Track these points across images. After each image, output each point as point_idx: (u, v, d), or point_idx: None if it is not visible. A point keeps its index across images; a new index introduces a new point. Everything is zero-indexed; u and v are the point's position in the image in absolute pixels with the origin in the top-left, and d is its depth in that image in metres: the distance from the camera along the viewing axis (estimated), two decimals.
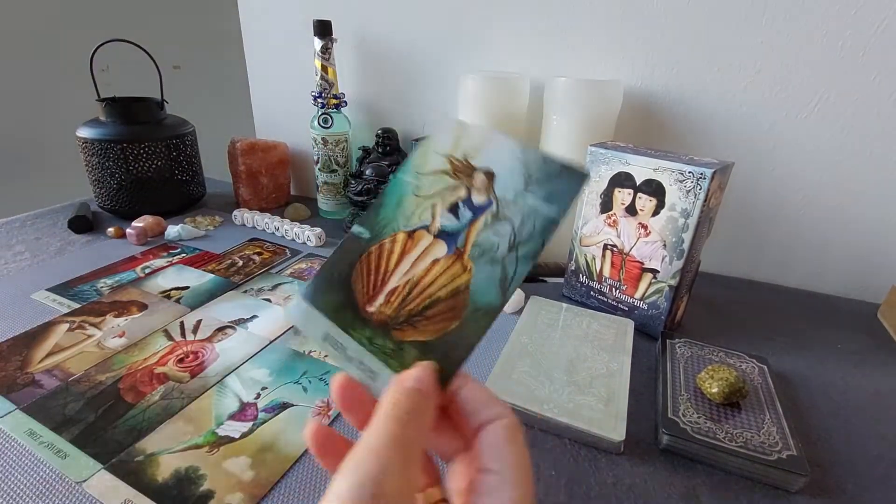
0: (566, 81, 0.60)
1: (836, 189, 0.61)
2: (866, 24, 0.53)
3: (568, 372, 0.44)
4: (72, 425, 0.38)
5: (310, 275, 0.63)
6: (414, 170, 0.24)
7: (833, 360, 0.51)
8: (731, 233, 0.68)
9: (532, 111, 0.67)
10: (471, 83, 0.63)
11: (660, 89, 0.64)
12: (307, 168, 0.94)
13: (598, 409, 0.39)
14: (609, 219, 0.53)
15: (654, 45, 0.62)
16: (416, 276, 0.22)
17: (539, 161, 0.22)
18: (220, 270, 0.63)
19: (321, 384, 0.43)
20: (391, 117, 0.83)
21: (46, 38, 1.34)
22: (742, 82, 0.60)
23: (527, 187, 0.22)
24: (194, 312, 0.53)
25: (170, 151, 0.78)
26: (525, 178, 0.22)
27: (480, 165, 0.23)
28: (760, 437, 0.37)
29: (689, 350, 0.48)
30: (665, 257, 0.49)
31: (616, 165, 0.51)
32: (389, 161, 0.76)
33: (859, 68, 0.55)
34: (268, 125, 0.96)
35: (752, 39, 0.58)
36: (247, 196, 0.85)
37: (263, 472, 0.34)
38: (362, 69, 0.82)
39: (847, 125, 0.58)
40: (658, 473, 0.36)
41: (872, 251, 0.63)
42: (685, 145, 0.65)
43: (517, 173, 0.22)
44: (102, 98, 0.75)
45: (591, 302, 0.59)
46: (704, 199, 0.45)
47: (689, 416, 0.39)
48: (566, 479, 0.35)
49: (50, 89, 1.35)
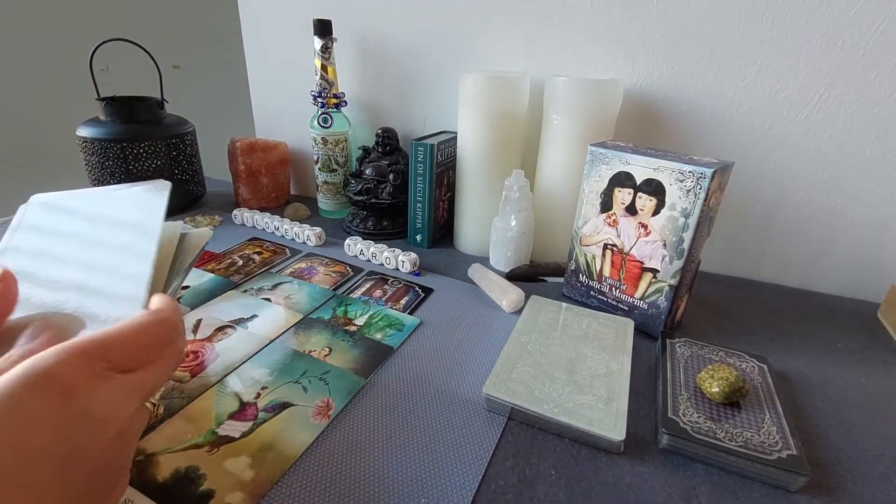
0: (566, 81, 0.60)
1: (836, 189, 0.61)
2: (866, 24, 0.53)
3: (568, 371, 0.44)
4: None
5: (309, 274, 0.63)
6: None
7: (833, 360, 0.51)
8: (731, 233, 0.68)
9: (532, 111, 0.67)
10: (471, 83, 0.63)
11: (660, 89, 0.64)
12: (307, 167, 0.94)
13: (598, 409, 0.39)
14: (609, 218, 0.53)
15: (654, 44, 0.62)
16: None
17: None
18: (219, 270, 0.63)
19: (321, 384, 0.43)
20: (391, 117, 0.83)
21: (46, 38, 1.34)
22: (742, 82, 0.60)
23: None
24: (194, 312, 0.53)
25: (170, 151, 0.78)
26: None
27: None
28: (760, 436, 0.37)
29: (689, 350, 0.48)
30: (665, 257, 0.49)
31: (616, 165, 0.51)
32: (389, 160, 0.76)
33: (859, 68, 0.55)
34: (268, 125, 0.96)
35: (752, 39, 0.58)
36: (247, 195, 0.85)
37: (263, 472, 0.34)
38: (362, 69, 0.82)
39: (847, 125, 0.58)
40: (658, 473, 0.36)
41: (872, 251, 0.63)
42: (685, 145, 0.65)
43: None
44: (102, 97, 0.75)
45: (591, 301, 0.59)
46: (704, 198, 0.45)
47: (689, 415, 0.39)
48: (566, 479, 0.35)
49: (50, 89, 1.35)
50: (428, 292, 0.60)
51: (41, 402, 0.20)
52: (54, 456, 0.20)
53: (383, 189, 0.74)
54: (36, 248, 0.31)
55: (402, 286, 0.61)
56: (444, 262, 0.69)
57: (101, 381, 0.22)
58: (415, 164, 0.68)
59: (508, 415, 0.41)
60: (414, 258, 0.65)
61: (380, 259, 0.67)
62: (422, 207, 0.71)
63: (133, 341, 0.24)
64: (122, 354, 0.24)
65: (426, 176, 0.68)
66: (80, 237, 0.32)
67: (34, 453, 0.19)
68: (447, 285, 0.62)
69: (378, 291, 0.60)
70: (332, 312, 0.54)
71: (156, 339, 0.26)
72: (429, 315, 0.55)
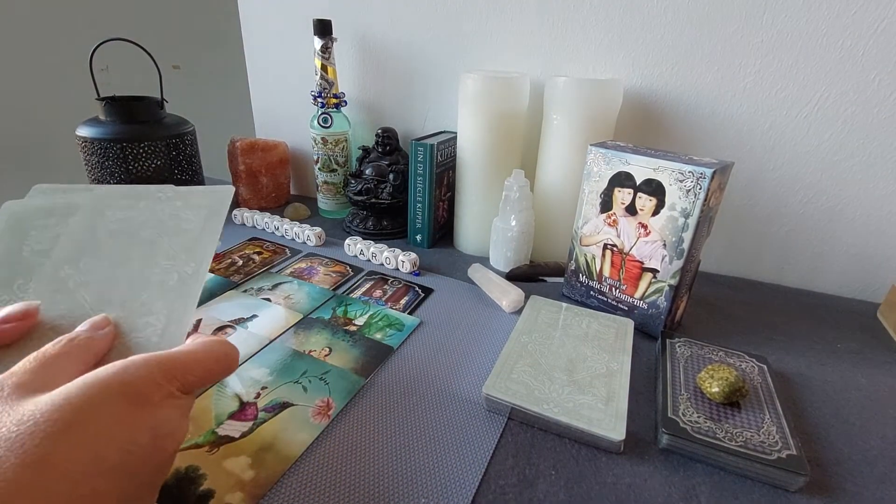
0: (566, 81, 0.60)
1: (836, 189, 0.61)
2: (866, 24, 0.53)
3: (568, 371, 0.44)
4: None
5: (309, 274, 0.63)
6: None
7: (833, 360, 0.51)
8: (731, 233, 0.68)
9: (532, 111, 0.67)
10: (471, 83, 0.63)
11: (660, 89, 0.64)
12: (307, 167, 0.94)
13: (597, 409, 0.39)
14: (609, 218, 0.53)
15: (654, 44, 0.62)
16: None
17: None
18: (219, 270, 0.63)
19: (321, 384, 0.43)
20: (391, 117, 0.83)
21: (46, 37, 1.34)
22: (742, 82, 0.60)
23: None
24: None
25: (169, 151, 0.78)
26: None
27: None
28: (760, 436, 0.37)
29: (689, 349, 0.48)
30: (665, 257, 0.49)
31: (616, 165, 0.51)
32: (389, 160, 0.76)
33: (859, 68, 0.55)
34: (268, 125, 0.96)
35: (751, 39, 0.58)
36: (246, 195, 0.85)
37: (263, 472, 0.34)
38: (362, 69, 0.82)
39: (847, 125, 0.58)
40: (658, 473, 0.36)
41: (872, 251, 0.63)
42: (685, 145, 0.65)
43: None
44: (102, 97, 0.75)
45: (591, 301, 0.59)
46: (704, 198, 0.45)
47: (688, 415, 0.39)
48: (566, 479, 0.35)
49: (50, 89, 1.35)
50: (428, 292, 0.60)
51: (125, 411, 0.21)
52: (123, 467, 0.20)
53: (383, 189, 0.74)
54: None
55: (402, 286, 0.61)
56: (444, 262, 0.69)
57: (172, 400, 0.23)
58: (415, 164, 0.68)
59: (508, 415, 0.41)
60: (414, 258, 0.65)
61: (380, 259, 0.67)
62: (422, 207, 0.71)
63: (205, 367, 0.25)
64: (193, 379, 0.24)
65: (426, 176, 0.68)
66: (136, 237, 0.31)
67: (106, 460, 0.19)
68: (447, 285, 0.62)
69: (378, 291, 0.60)
70: (332, 312, 0.54)
71: (220, 369, 0.27)
72: (429, 315, 0.55)
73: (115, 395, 0.20)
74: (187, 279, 0.30)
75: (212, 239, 0.31)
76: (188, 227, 0.32)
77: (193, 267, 0.30)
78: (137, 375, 0.21)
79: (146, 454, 0.21)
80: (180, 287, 0.29)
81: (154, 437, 0.22)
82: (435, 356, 0.48)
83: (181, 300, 0.29)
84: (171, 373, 0.23)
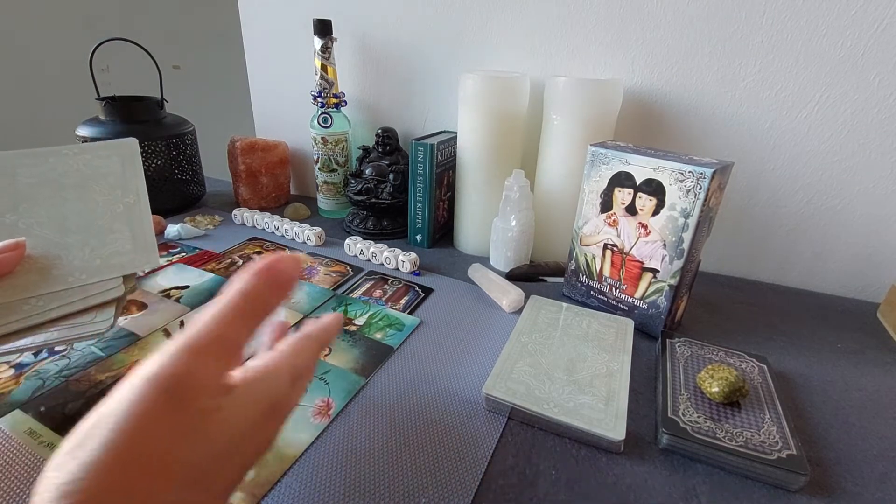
0: (566, 81, 0.60)
1: (836, 189, 0.61)
2: (866, 24, 0.53)
3: (568, 371, 0.44)
4: (72, 425, 0.38)
5: (309, 274, 0.63)
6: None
7: (833, 360, 0.51)
8: (731, 233, 0.68)
9: (532, 111, 0.67)
10: (471, 83, 0.63)
11: (660, 89, 0.64)
12: (307, 167, 0.94)
13: (598, 409, 0.39)
14: (609, 218, 0.53)
15: (654, 44, 0.62)
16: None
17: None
18: (220, 270, 0.63)
19: (321, 384, 0.43)
20: (391, 117, 0.83)
21: (46, 38, 1.34)
22: (742, 82, 0.60)
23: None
24: (194, 312, 0.53)
25: (169, 150, 0.78)
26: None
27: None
28: (760, 436, 0.37)
29: (689, 349, 0.48)
30: (665, 257, 0.49)
31: (616, 165, 0.51)
32: (389, 160, 0.76)
33: (859, 68, 0.55)
34: (268, 124, 0.96)
35: (751, 39, 0.58)
36: (247, 195, 0.85)
37: (263, 472, 0.34)
38: (362, 69, 0.82)
39: (847, 125, 0.58)
40: (658, 473, 0.36)
41: (872, 251, 0.63)
42: (685, 145, 0.65)
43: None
44: (102, 97, 0.75)
45: (591, 301, 0.59)
46: (704, 198, 0.45)
47: (688, 415, 0.39)
48: (566, 479, 0.35)
49: (50, 89, 1.35)
50: (428, 292, 0.60)
51: (172, 411, 0.18)
52: (185, 477, 0.18)
53: (383, 189, 0.74)
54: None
55: (402, 286, 0.61)
56: (444, 262, 0.69)
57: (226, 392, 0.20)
58: (415, 164, 0.68)
59: (508, 414, 0.41)
60: (414, 258, 0.65)
61: (380, 259, 0.67)
62: (422, 207, 0.71)
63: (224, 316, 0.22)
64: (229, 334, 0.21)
65: (426, 176, 0.68)
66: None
67: (173, 472, 0.18)
68: (447, 285, 0.62)
69: (378, 291, 0.60)
70: (332, 312, 0.54)
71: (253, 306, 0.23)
72: (429, 315, 0.55)
73: (155, 397, 0.18)
74: (132, 207, 0.33)
75: (138, 176, 0.35)
76: (107, 171, 0.35)
77: (133, 198, 0.34)
78: (170, 367, 0.19)
79: (211, 466, 0.20)
80: (129, 212, 0.33)
81: (214, 442, 0.20)
82: (435, 356, 0.48)
83: (137, 219, 0.32)
84: (203, 349, 0.20)
